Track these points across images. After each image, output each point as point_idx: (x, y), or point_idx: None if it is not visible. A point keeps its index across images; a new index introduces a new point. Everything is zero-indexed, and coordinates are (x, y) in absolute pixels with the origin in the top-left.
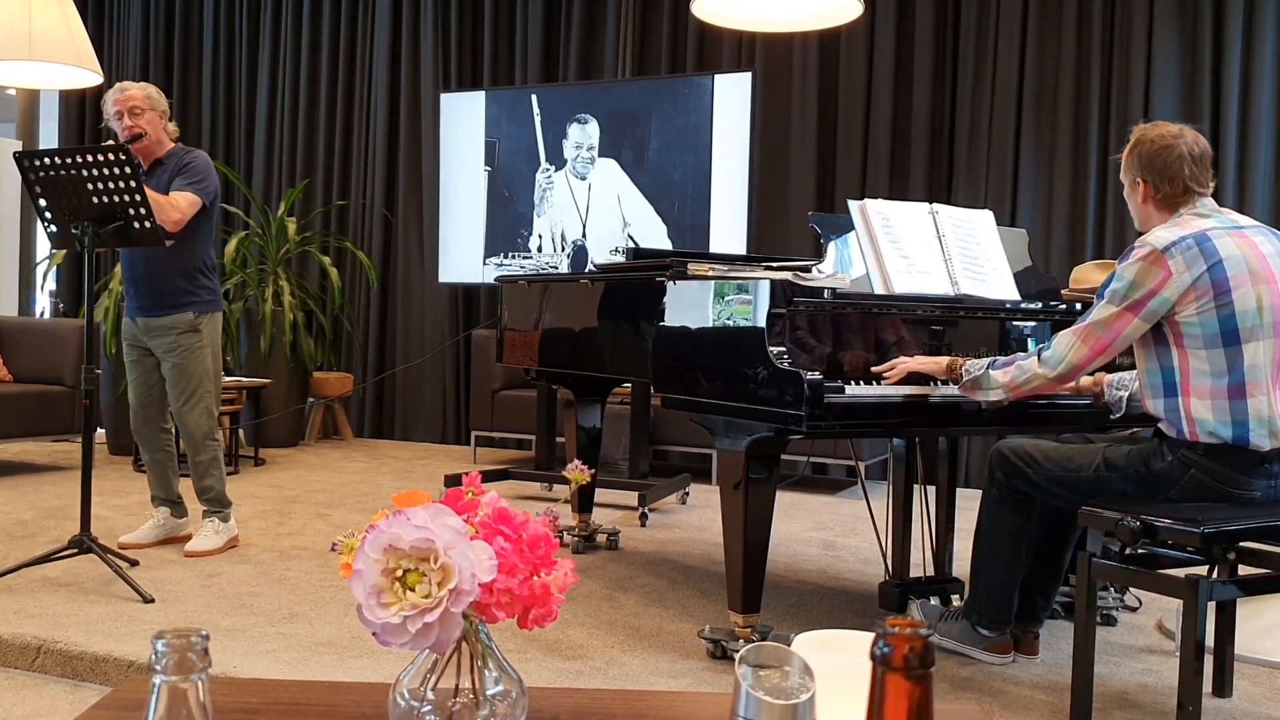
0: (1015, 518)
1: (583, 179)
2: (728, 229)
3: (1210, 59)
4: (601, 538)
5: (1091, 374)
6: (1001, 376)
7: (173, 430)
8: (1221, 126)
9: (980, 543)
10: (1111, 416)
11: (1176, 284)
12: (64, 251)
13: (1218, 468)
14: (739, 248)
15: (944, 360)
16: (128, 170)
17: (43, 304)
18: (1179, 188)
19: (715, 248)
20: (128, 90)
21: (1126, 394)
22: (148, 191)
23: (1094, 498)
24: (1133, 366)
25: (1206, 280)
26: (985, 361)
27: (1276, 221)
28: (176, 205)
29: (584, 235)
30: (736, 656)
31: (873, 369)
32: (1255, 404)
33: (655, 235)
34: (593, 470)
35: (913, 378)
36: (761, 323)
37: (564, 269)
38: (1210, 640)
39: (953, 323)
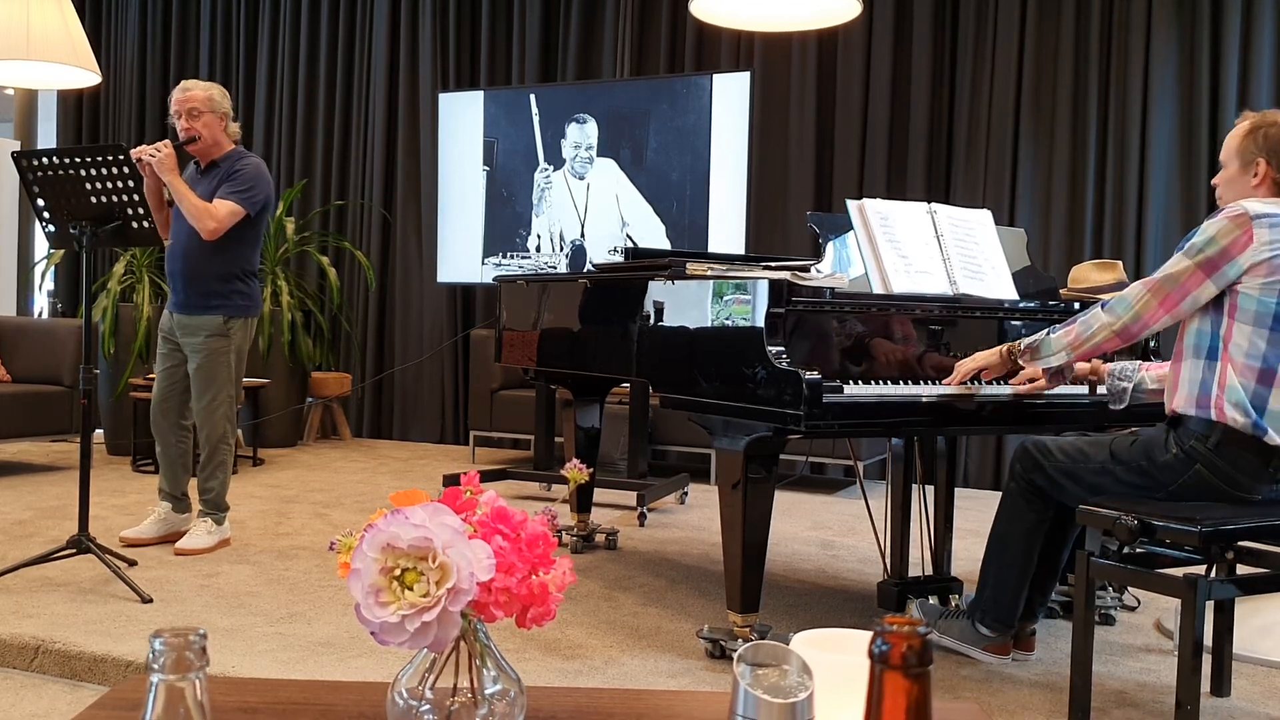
0: (1030, 514)
1: (581, 179)
2: (726, 229)
3: (1208, 60)
4: (600, 537)
5: (1107, 359)
6: (1064, 337)
7: (190, 428)
8: (1220, 128)
9: (994, 538)
10: (1111, 408)
11: (1253, 252)
12: (62, 251)
13: (1221, 465)
14: (737, 247)
15: (995, 351)
16: (125, 170)
17: (41, 304)
18: None
19: (714, 247)
20: (190, 91)
21: (1131, 385)
22: (191, 198)
23: (1096, 491)
24: (1134, 357)
25: None
26: (1044, 330)
27: None
28: (215, 214)
29: (582, 235)
30: (735, 655)
31: (945, 381)
32: (1277, 395)
33: (654, 235)
34: (591, 470)
35: (910, 378)
36: (760, 322)
37: (562, 269)
38: (1208, 639)
39: (951, 322)
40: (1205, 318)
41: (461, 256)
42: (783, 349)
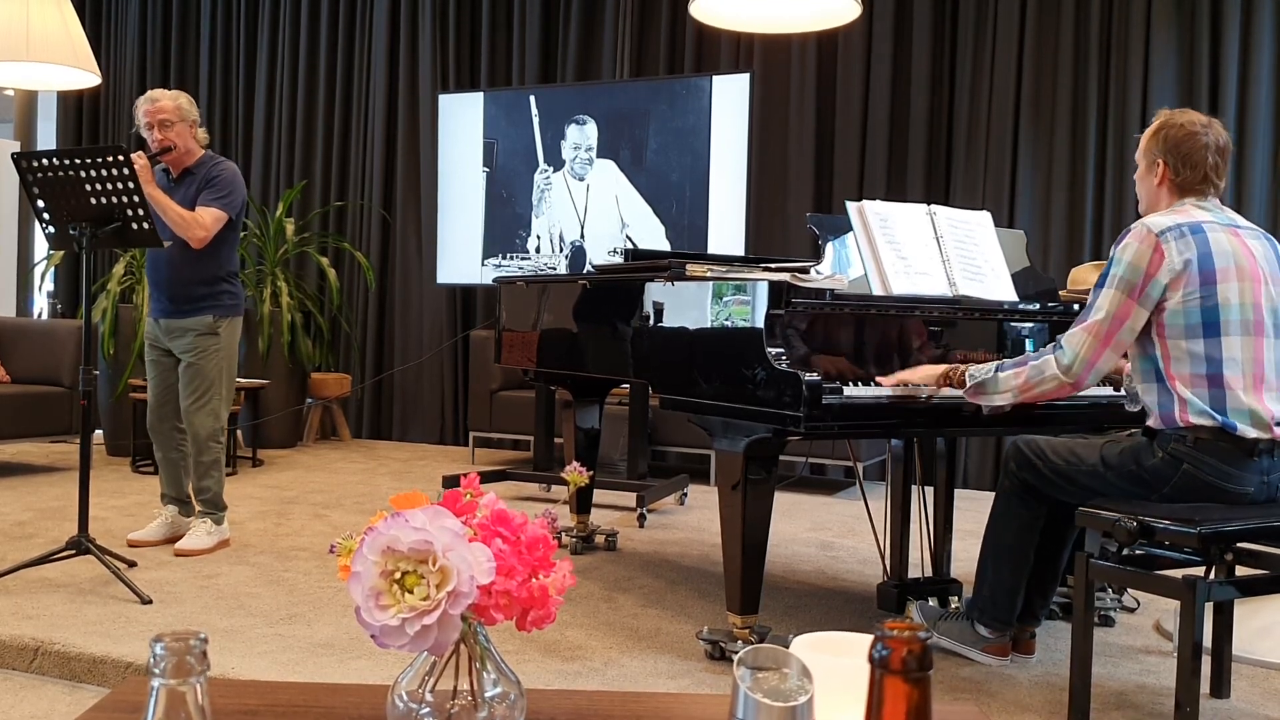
0: (1024, 512)
1: (581, 180)
2: (726, 230)
3: (1208, 61)
4: (600, 538)
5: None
6: (1013, 379)
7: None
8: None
9: (988, 537)
10: (1127, 408)
11: (1168, 267)
12: (62, 252)
13: (1208, 460)
14: (737, 249)
15: (936, 370)
16: (125, 172)
17: (40, 305)
18: (1199, 175)
19: (713, 249)
20: (159, 101)
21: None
22: (175, 208)
23: (1092, 493)
24: None
25: (1194, 268)
26: (991, 365)
27: (1274, 220)
28: (202, 223)
29: (582, 236)
30: (735, 658)
31: (878, 379)
32: (1233, 396)
33: (653, 236)
34: (591, 471)
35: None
36: (760, 323)
37: (562, 270)
38: (1208, 641)
39: (951, 324)
40: (1142, 344)
41: (461, 257)
42: (782, 350)
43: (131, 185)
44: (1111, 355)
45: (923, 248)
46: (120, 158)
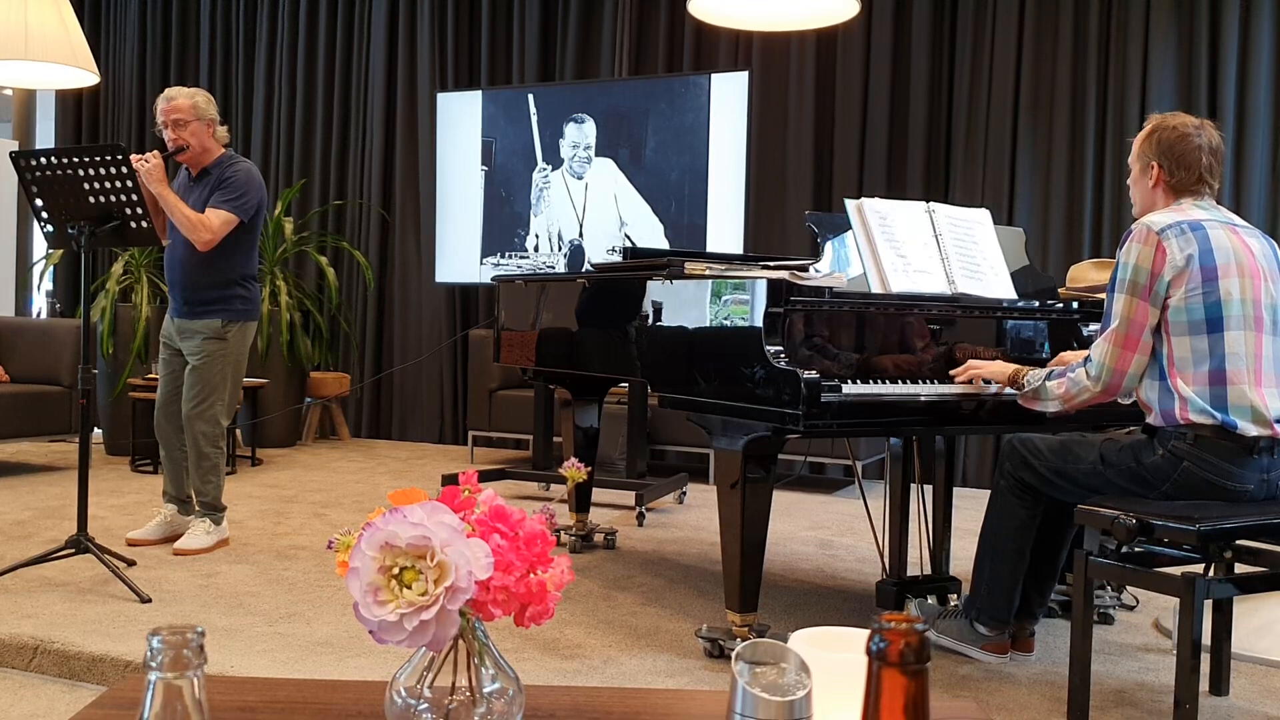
0: (1020, 511)
1: (579, 178)
2: (725, 228)
3: (1206, 59)
4: (599, 537)
5: None
6: (1056, 388)
7: None
8: (1218, 127)
9: (985, 536)
10: (1122, 403)
11: (1171, 265)
12: (60, 251)
13: (1208, 458)
14: (736, 247)
15: (1009, 370)
16: (124, 170)
17: (39, 304)
18: (1193, 176)
19: (712, 247)
20: (174, 100)
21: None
22: (183, 210)
23: (1091, 491)
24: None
25: (1196, 264)
26: (1043, 372)
27: (1273, 219)
28: (208, 225)
29: (581, 235)
30: (733, 654)
31: (951, 372)
32: (1235, 391)
33: (652, 235)
34: (590, 469)
35: (908, 377)
36: (759, 322)
37: (561, 269)
38: (1207, 638)
39: (950, 322)
40: None
41: (460, 256)
42: (781, 349)
43: (130, 184)
44: (1140, 359)
45: (922, 246)
46: (119, 156)
